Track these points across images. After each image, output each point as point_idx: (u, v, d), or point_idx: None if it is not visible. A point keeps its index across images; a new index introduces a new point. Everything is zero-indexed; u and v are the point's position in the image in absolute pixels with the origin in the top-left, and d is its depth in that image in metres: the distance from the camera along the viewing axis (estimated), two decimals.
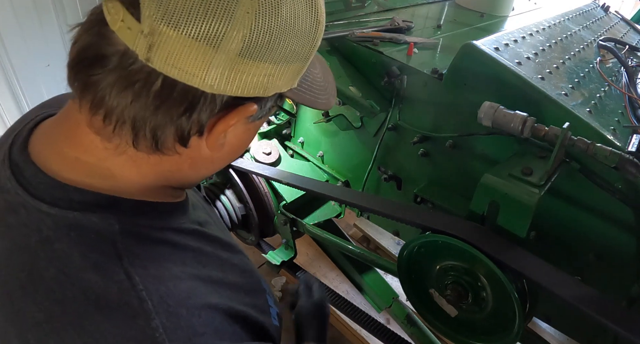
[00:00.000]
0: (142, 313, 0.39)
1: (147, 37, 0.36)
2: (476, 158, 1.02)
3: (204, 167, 0.50)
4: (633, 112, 1.01)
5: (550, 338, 1.72)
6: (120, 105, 0.39)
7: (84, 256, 0.40)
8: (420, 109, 1.10)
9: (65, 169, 0.43)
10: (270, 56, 0.40)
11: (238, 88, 0.40)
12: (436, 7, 1.63)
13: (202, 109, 0.40)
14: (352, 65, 1.18)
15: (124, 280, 0.39)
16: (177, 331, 0.40)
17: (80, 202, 0.42)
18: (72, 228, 0.41)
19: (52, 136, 0.45)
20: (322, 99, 0.51)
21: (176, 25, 0.35)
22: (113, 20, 0.37)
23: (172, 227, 0.48)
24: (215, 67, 0.37)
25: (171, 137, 0.41)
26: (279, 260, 1.33)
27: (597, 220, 0.87)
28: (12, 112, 2.30)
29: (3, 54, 2.04)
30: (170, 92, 0.38)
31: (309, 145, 1.48)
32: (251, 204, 1.29)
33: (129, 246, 0.42)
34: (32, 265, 0.40)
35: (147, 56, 0.36)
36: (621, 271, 0.87)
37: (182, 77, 0.37)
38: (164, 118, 0.40)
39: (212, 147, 0.44)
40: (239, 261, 0.57)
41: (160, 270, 0.42)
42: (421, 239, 0.85)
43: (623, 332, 0.63)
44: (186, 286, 0.43)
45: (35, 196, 0.42)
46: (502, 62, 0.90)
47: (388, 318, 1.55)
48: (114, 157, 0.43)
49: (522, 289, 0.78)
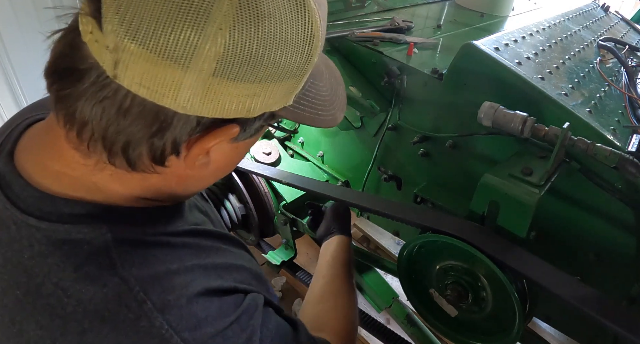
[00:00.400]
0: (143, 314, 0.38)
1: (112, 53, 0.33)
2: (476, 158, 1.02)
3: (192, 185, 0.48)
4: (633, 112, 1.01)
5: (550, 338, 1.72)
6: (92, 121, 0.36)
7: (78, 268, 0.39)
8: (420, 109, 1.10)
9: (50, 182, 0.42)
10: (251, 75, 0.36)
11: (215, 110, 0.36)
12: (436, 7, 1.63)
13: (175, 130, 0.37)
14: (352, 65, 1.18)
15: (120, 284, 0.39)
16: (181, 321, 0.40)
17: (70, 215, 0.41)
18: (64, 242, 0.40)
19: (35, 147, 0.44)
20: (326, 115, 0.47)
21: (141, 41, 0.32)
22: (84, 31, 0.35)
23: (167, 232, 0.47)
24: (186, 88, 0.34)
25: (145, 157, 0.39)
26: (279, 260, 1.33)
27: (597, 220, 0.87)
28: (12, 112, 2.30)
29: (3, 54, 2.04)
30: (141, 111, 0.35)
31: (309, 145, 1.48)
32: (251, 204, 1.29)
33: (123, 253, 0.41)
34: (28, 282, 0.39)
35: (114, 73, 0.33)
36: (621, 271, 0.87)
37: (151, 96, 0.34)
38: (135, 137, 0.37)
39: (191, 167, 0.42)
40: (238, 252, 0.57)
41: (156, 269, 0.42)
42: (421, 239, 0.85)
43: (623, 332, 0.63)
44: (182, 279, 0.43)
45: (23, 210, 0.41)
46: (502, 62, 0.90)
47: (388, 318, 1.55)
48: (97, 172, 0.41)
49: (522, 289, 0.78)
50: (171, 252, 0.45)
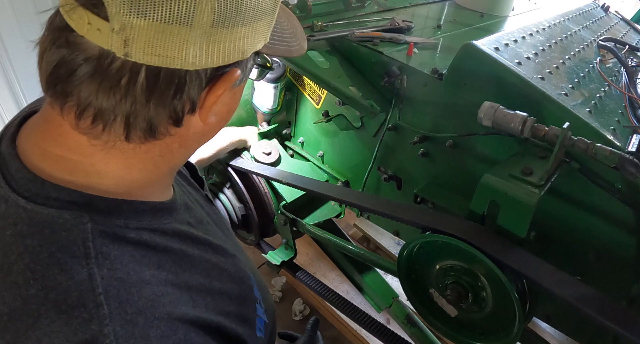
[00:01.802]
0: (97, 317, 0.38)
1: (120, 33, 0.36)
2: (476, 158, 1.02)
3: (194, 142, 0.50)
4: (633, 112, 1.01)
5: (550, 338, 1.72)
6: (109, 106, 0.39)
7: (52, 253, 0.40)
8: (420, 109, 1.10)
9: (50, 166, 0.43)
10: (241, 19, 0.40)
11: (218, 58, 0.41)
12: (436, 7, 1.63)
13: (190, 88, 0.41)
14: (352, 65, 1.18)
15: (85, 281, 0.39)
16: (129, 340, 0.39)
17: (57, 199, 0.42)
18: (45, 225, 0.41)
19: (36, 135, 0.45)
20: (295, 46, 0.52)
21: (145, 14, 0.35)
22: (79, 25, 0.37)
23: (152, 228, 0.47)
24: (192, 44, 0.38)
25: (165, 122, 0.42)
26: (279, 260, 1.33)
27: (597, 220, 0.87)
28: (12, 112, 2.30)
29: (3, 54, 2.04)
30: (156, 81, 0.39)
31: (309, 145, 1.48)
32: (251, 204, 1.29)
33: (100, 245, 0.41)
34: (4, 258, 0.40)
35: (125, 51, 0.36)
36: (621, 271, 0.87)
37: (163, 62, 0.38)
38: (157, 106, 0.40)
39: (205, 120, 0.45)
40: (231, 266, 0.55)
41: (128, 273, 0.42)
42: (421, 239, 0.86)
43: (623, 332, 0.63)
44: (151, 293, 0.42)
45: (16, 190, 0.42)
46: (502, 62, 0.90)
47: (388, 318, 1.55)
48: (101, 152, 0.43)
49: (522, 289, 0.78)
50: (149, 255, 0.45)
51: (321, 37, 1.14)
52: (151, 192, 0.49)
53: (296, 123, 1.50)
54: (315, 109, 1.39)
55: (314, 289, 1.33)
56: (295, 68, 1.13)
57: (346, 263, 1.43)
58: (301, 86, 1.41)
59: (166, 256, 0.46)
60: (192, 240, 0.51)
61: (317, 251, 2.13)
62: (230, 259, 0.57)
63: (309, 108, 1.42)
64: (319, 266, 2.16)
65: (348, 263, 1.42)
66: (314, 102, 1.38)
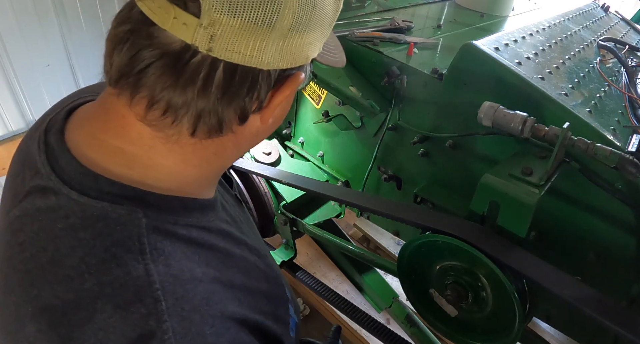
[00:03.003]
0: (155, 313, 0.38)
1: (207, 28, 0.37)
2: (476, 158, 1.02)
3: (247, 143, 0.50)
4: (633, 112, 1.01)
5: (550, 337, 1.72)
6: (184, 100, 0.40)
7: (107, 248, 0.39)
8: (420, 109, 1.10)
9: (105, 158, 0.44)
10: (312, 26, 0.42)
11: (289, 61, 0.43)
12: (436, 7, 1.63)
13: (261, 87, 0.42)
14: (352, 65, 1.18)
15: (142, 276, 0.39)
16: (186, 336, 0.39)
17: (110, 193, 0.42)
18: (99, 219, 0.40)
19: (92, 126, 0.46)
20: (338, 57, 0.55)
21: (235, 12, 0.37)
22: (163, 18, 0.38)
23: (200, 225, 0.47)
24: (270, 45, 0.40)
25: (232, 118, 0.43)
26: (279, 260, 1.33)
27: (597, 220, 0.87)
28: (12, 112, 2.30)
29: (3, 54, 2.04)
30: (232, 77, 0.40)
31: (309, 145, 1.48)
32: (251, 204, 1.29)
33: (154, 241, 0.41)
34: (55, 250, 0.40)
35: (209, 46, 0.38)
36: (621, 271, 0.87)
37: (242, 60, 0.39)
38: (229, 103, 0.41)
39: (266, 119, 0.47)
40: (265, 266, 0.56)
41: (182, 270, 0.42)
42: (421, 239, 0.85)
43: (623, 332, 0.63)
44: (204, 290, 0.43)
45: (67, 183, 0.42)
46: (502, 62, 0.90)
47: (388, 318, 1.55)
48: (162, 145, 0.44)
49: (522, 289, 0.78)
50: (199, 252, 0.45)
51: None
52: (200, 190, 0.50)
53: (296, 123, 1.50)
54: (315, 109, 1.39)
55: (314, 289, 1.33)
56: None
57: (346, 263, 1.43)
58: None
59: (213, 253, 0.47)
60: (232, 239, 0.51)
61: (317, 251, 2.13)
62: (264, 259, 0.57)
63: (309, 108, 1.42)
64: (319, 266, 2.16)
65: (348, 263, 1.42)
66: (314, 102, 1.38)
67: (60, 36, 2.24)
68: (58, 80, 2.38)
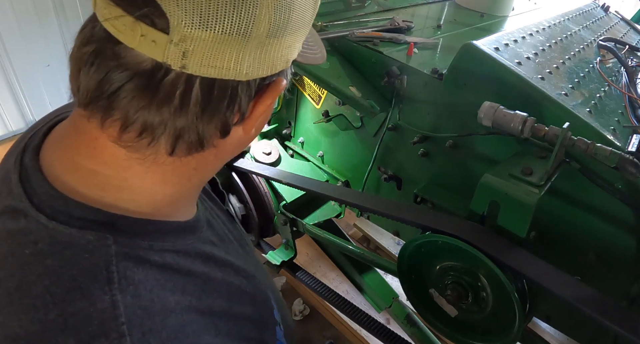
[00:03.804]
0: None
1: (179, 44, 0.35)
2: (476, 158, 1.02)
3: (229, 153, 0.49)
4: (633, 112, 1.01)
5: (550, 337, 1.72)
6: (161, 120, 0.38)
7: (73, 277, 0.38)
8: (420, 109, 1.10)
9: (77, 180, 0.42)
10: (289, 29, 0.40)
11: (268, 68, 0.41)
12: (436, 7, 1.63)
13: (242, 98, 0.41)
14: (352, 65, 1.18)
15: (107, 309, 0.37)
16: None
17: (80, 219, 0.40)
18: (67, 246, 0.39)
19: (65, 146, 0.44)
20: (319, 54, 0.53)
21: (207, 25, 0.35)
22: (129, 37, 0.35)
23: (175, 250, 0.45)
24: (247, 55, 0.38)
25: (214, 133, 0.41)
26: (279, 260, 1.33)
27: (597, 220, 0.87)
28: (12, 112, 2.30)
29: (3, 54, 2.05)
30: (210, 93, 0.38)
31: (309, 145, 1.48)
32: (251, 204, 1.29)
33: (124, 269, 0.39)
34: (23, 277, 0.38)
35: (183, 64, 0.36)
36: (621, 271, 0.87)
37: (219, 74, 0.37)
38: (210, 119, 0.40)
39: (249, 131, 0.45)
40: (252, 289, 0.54)
41: (152, 300, 0.40)
42: (421, 239, 0.86)
43: (623, 332, 0.63)
44: (176, 322, 0.41)
45: (36, 205, 0.40)
46: (502, 62, 0.90)
47: (388, 318, 1.55)
48: (138, 166, 0.42)
49: (522, 289, 0.78)
50: (174, 278, 0.43)
51: (321, 37, 1.14)
52: (178, 209, 0.48)
53: (296, 123, 1.50)
54: (315, 109, 1.39)
55: (314, 289, 1.33)
56: (295, 68, 1.13)
57: (346, 263, 1.43)
58: (301, 86, 1.41)
59: (190, 279, 0.45)
60: (214, 262, 0.49)
61: (317, 251, 2.13)
62: (252, 280, 0.55)
63: (309, 108, 1.42)
64: (319, 266, 2.16)
65: (348, 263, 1.42)
66: (314, 102, 1.38)
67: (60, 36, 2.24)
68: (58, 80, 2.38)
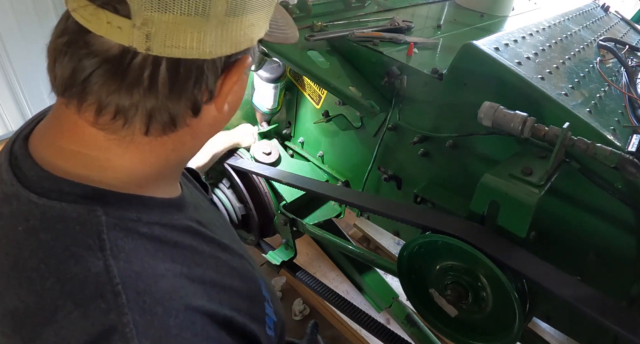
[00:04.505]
0: (115, 307, 0.38)
1: (141, 28, 0.37)
2: (476, 158, 1.02)
3: (205, 133, 0.51)
4: (633, 112, 1.01)
5: (550, 337, 1.72)
6: (132, 102, 0.40)
7: (67, 247, 0.40)
8: (420, 109, 1.10)
9: (64, 162, 0.44)
10: (249, 7, 0.42)
11: (231, 46, 0.42)
12: (436, 7, 1.63)
13: (208, 77, 0.43)
14: (352, 65, 1.18)
15: (101, 273, 0.39)
16: (149, 329, 0.39)
17: (70, 194, 0.42)
18: (58, 219, 0.41)
19: (49, 134, 0.46)
20: (289, 33, 0.54)
21: (166, 8, 0.37)
22: (97, 25, 0.37)
23: (163, 223, 0.47)
24: (209, 34, 0.40)
25: (184, 113, 0.44)
26: (279, 260, 1.33)
27: (597, 220, 0.87)
28: (12, 112, 2.30)
29: (3, 54, 2.05)
30: (177, 72, 0.40)
31: (309, 145, 1.48)
32: (251, 204, 1.29)
33: (114, 238, 0.41)
34: (17, 254, 0.40)
35: (147, 46, 0.38)
36: (621, 271, 0.87)
37: (183, 53, 0.39)
38: (179, 98, 0.42)
39: (220, 108, 0.47)
40: (240, 265, 0.56)
41: (144, 266, 0.42)
42: (421, 239, 0.86)
43: (623, 332, 0.63)
44: (168, 284, 0.43)
45: (27, 187, 0.42)
46: (502, 62, 0.90)
47: (388, 318, 1.55)
48: (117, 147, 0.44)
49: (522, 289, 0.78)
50: (163, 249, 0.45)
51: (321, 37, 1.14)
52: (160, 188, 0.50)
53: (296, 123, 1.50)
54: (315, 109, 1.39)
55: (314, 289, 1.33)
56: (295, 68, 1.13)
57: (346, 263, 1.43)
58: (301, 86, 1.41)
59: (178, 250, 0.47)
60: (202, 237, 0.51)
61: (317, 251, 2.13)
62: (238, 258, 0.57)
63: (309, 108, 1.42)
64: (319, 266, 2.16)
65: (348, 263, 1.42)
66: (314, 102, 1.38)
67: None
68: None
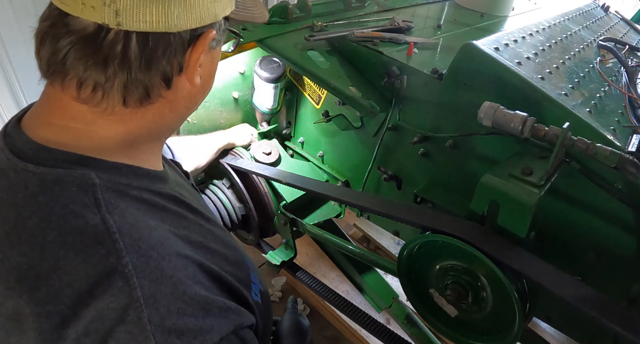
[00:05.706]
0: (114, 251, 0.42)
1: (111, 5, 0.41)
2: (476, 158, 1.02)
3: (183, 107, 0.54)
4: (633, 112, 1.01)
5: (550, 337, 1.72)
6: (107, 76, 0.44)
7: (65, 206, 0.43)
8: (420, 109, 1.10)
9: (55, 136, 0.48)
10: None
11: (196, 20, 0.46)
12: (436, 7, 1.63)
13: (176, 49, 0.46)
14: (352, 65, 1.18)
15: (99, 224, 0.43)
16: (145, 270, 0.43)
17: (64, 161, 0.46)
18: (55, 183, 0.44)
19: (40, 112, 0.50)
20: (258, 13, 0.58)
21: None
22: (73, 7, 0.42)
23: (150, 189, 0.51)
24: (173, 8, 0.44)
25: (157, 85, 0.47)
26: (279, 260, 1.33)
27: (597, 220, 0.87)
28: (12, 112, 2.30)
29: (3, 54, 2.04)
30: (146, 45, 0.44)
31: (309, 145, 1.48)
32: (251, 204, 1.29)
33: (108, 198, 0.45)
34: (17, 216, 0.43)
35: (117, 21, 0.42)
36: (621, 271, 0.87)
37: (150, 27, 0.43)
38: (149, 70, 0.46)
39: (191, 79, 0.50)
40: (223, 236, 0.59)
41: (137, 220, 0.46)
42: (421, 239, 0.86)
43: (623, 332, 0.63)
44: (159, 235, 0.46)
45: (24, 159, 0.46)
46: (502, 62, 0.90)
47: (388, 318, 1.54)
48: (101, 119, 0.48)
49: (522, 289, 0.78)
50: (152, 210, 0.49)
51: (321, 37, 1.14)
52: (145, 160, 0.53)
53: (296, 123, 1.50)
54: (315, 109, 1.39)
55: (314, 289, 1.33)
56: (295, 68, 1.13)
57: (346, 263, 1.43)
58: (301, 86, 1.41)
59: (166, 213, 0.51)
60: (186, 206, 0.55)
61: (317, 251, 2.13)
62: (222, 230, 0.60)
63: (309, 108, 1.42)
64: (319, 266, 2.16)
65: (348, 263, 1.42)
66: (314, 102, 1.38)
67: None
68: None
